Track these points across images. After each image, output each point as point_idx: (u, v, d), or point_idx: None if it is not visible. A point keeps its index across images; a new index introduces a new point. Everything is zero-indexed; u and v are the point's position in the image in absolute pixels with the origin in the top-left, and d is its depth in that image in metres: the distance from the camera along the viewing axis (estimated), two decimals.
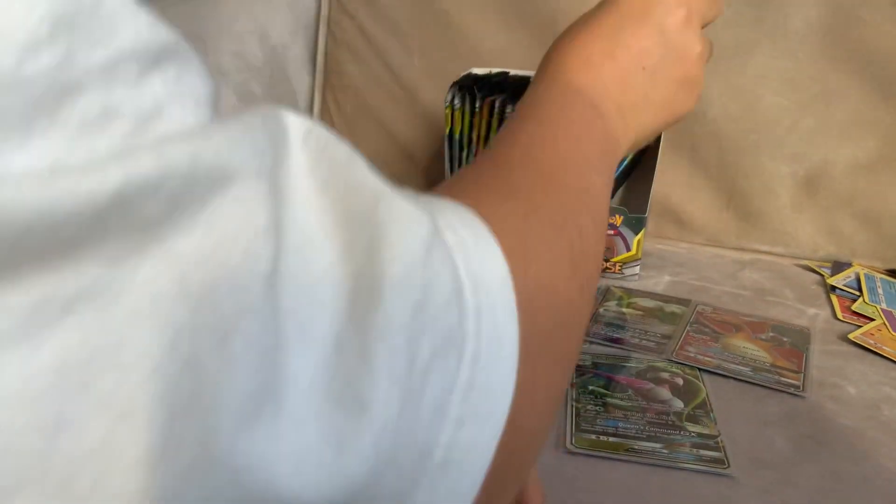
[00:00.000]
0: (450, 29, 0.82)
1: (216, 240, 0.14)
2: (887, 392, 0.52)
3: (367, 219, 0.18)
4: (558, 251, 0.28)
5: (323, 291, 0.16)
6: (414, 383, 0.18)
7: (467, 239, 0.22)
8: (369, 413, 0.16)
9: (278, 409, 0.15)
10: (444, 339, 0.19)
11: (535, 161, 0.33)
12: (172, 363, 0.13)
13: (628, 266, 0.69)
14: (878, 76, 0.71)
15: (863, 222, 0.74)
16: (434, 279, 0.19)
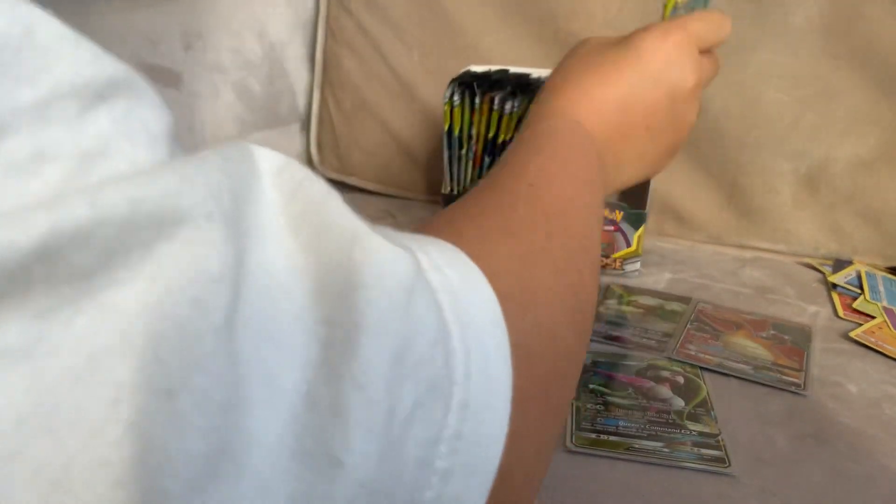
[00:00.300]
0: (449, 26, 0.82)
1: (162, 290, 0.13)
2: (888, 390, 0.52)
3: (342, 261, 0.17)
4: (559, 296, 0.27)
5: (292, 338, 0.15)
6: (394, 437, 0.16)
7: (453, 279, 0.20)
8: (343, 471, 0.15)
9: (239, 470, 0.13)
10: (429, 388, 0.18)
11: (540, 200, 0.32)
12: (114, 427, 0.12)
13: (629, 262, 0.69)
14: (880, 73, 0.71)
15: (864, 220, 0.74)
16: (416, 324, 0.18)
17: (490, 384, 0.20)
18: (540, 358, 0.24)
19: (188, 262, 0.13)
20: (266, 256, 0.15)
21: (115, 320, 0.12)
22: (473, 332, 0.20)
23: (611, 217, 0.68)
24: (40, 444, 0.11)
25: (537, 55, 0.79)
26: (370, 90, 0.86)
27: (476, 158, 0.68)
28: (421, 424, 0.17)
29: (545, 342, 0.25)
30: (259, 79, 0.84)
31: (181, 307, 0.13)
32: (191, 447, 0.13)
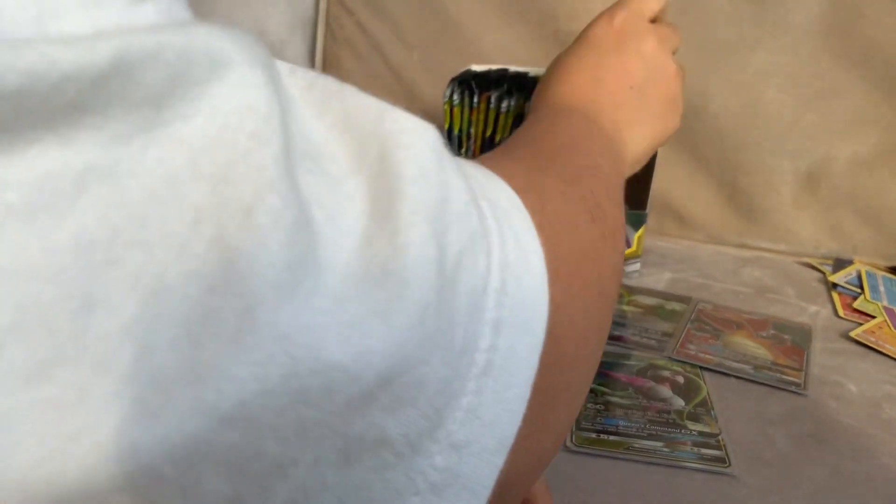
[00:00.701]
0: (449, 25, 0.82)
1: (221, 124, 0.13)
2: (889, 390, 0.52)
3: (374, 131, 0.18)
4: (571, 198, 0.28)
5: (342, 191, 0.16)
6: (447, 274, 0.17)
7: (472, 170, 0.22)
8: (410, 289, 0.16)
9: (318, 286, 0.14)
10: (470, 239, 0.18)
11: (538, 143, 0.34)
12: (198, 241, 0.13)
13: (629, 263, 0.69)
14: (880, 72, 0.70)
15: (864, 219, 0.74)
16: (450, 182, 0.19)
17: (524, 252, 0.20)
18: (566, 241, 0.25)
19: (240, 101, 0.14)
20: (301, 127, 0.16)
21: (185, 150, 0.13)
22: (499, 209, 0.21)
23: None
24: (136, 254, 0.12)
25: (537, 55, 0.79)
26: (370, 90, 0.85)
27: (475, 157, 0.68)
28: (468, 272, 0.18)
29: (567, 228, 0.26)
30: None
31: (241, 140, 0.13)
32: (273, 257, 0.13)
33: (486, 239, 0.19)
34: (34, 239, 0.11)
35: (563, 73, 0.44)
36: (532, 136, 0.37)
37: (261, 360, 0.13)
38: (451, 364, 0.17)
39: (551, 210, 0.25)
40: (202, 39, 0.13)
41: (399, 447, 0.16)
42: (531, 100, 0.47)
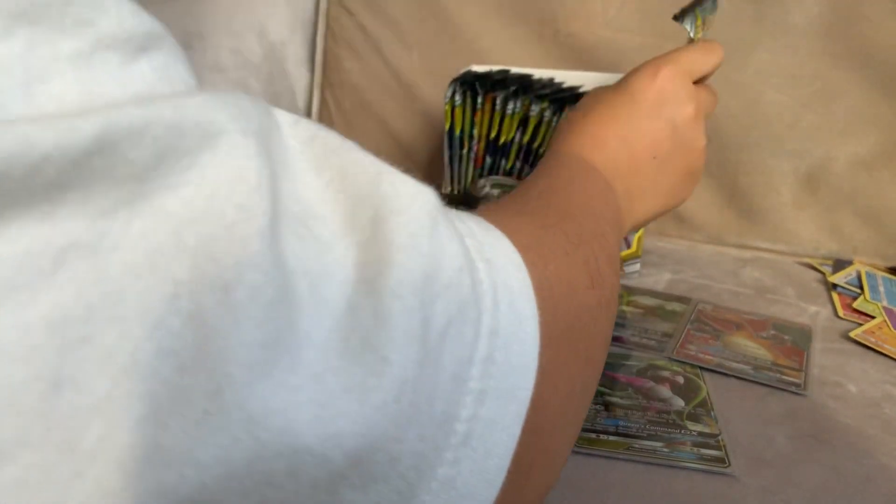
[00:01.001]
0: (449, 25, 0.82)
1: (208, 195, 0.13)
2: (888, 390, 0.52)
3: (369, 193, 0.17)
4: (574, 261, 0.28)
5: (330, 257, 0.16)
6: (431, 346, 0.17)
7: (473, 226, 0.22)
8: (389, 367, 0.16)
9: (294, 363, 0.14)
10: (459, 309, 0.18)
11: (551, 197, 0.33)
12: (175, 317, 0.13)
13: (629, 264, 0.69)
14: (880, 72, 0.71)
15: (864, 220, 0.74)
16: (443, 249, 0.18)
17: (517, 317, 0.20)
18: (563, 303, 0.25)
19: (230, 171, 0.14)
20: (295, 187, 0.16)
21: (169, 223, 0.13)
22: (497, 270, 0.21)
23: None
24: (109, 331, 0.12)
25: (537, 55, 0.79)
26: (370, 90, 0.86)
27: (478, 159, 0.68)
28: (454, 342, 0.18)
29: (566, 292, 0.25)
30: (259, 79, 0.84)
31: (228, 211, 0.13)
32: (249, 336, 0.13)
33: (478, 306, 0.19)
34: (9, 317, 0.11)
35: (593, 121, 0.42)
36: (547, 187, 0.35)
37: (226, 443, 0.13)
38: (427, 438, 0.17)
39: (553, 270, 0.25)
40: (193, 111, 0.13)
41: None
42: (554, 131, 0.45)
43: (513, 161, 0.66)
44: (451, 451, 0.18)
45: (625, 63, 0.76)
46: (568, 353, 0.24)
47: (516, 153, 0.66)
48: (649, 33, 0.76)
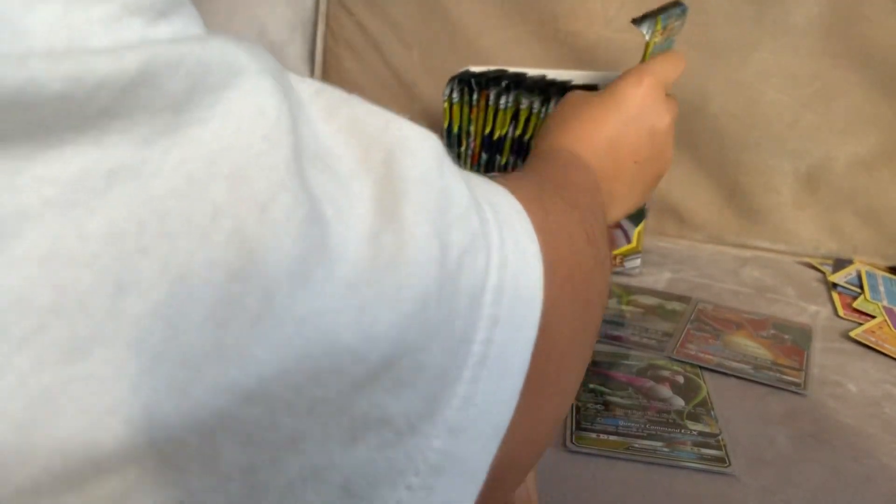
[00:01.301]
0: (449, 25, 0.82)
1: (234, 128, 0.14)
2: (888, 390, 0.52)
3: (379, 137, 0.19)
4: (572, 218, 0.30)
5: (349, 190, 0.17)
6: (449, 270, 0.18)
7: (474, 177, 0.23)
8: (415, 280, 0.17)
9: (329, 275, 0.15)
10: (471, 240, 0.20)
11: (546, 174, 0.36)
12: (218, 233, 0.14)
13: (629, 259, 0.69)
14: (880, 72, 0.70)
15: (864, 219, 0.74)
16: (451, 186, 0.20)
17: (522, 254, 0.22)
18: (564, 250, 0.27)
19: (252, 107, 0.15)
20: (311, 129, 0.17)
21: (203, 152, 0.14)
22: (500, 212, 0.22)
23: None
24: (161, 244, 0.13)
25: (537, 55, 0.79)
26: (370, 90, 0.86)
27: (474, 156, 0.68)
28: (468, 271, 0.19)
29: (566, 240, 0.27)
30: None
31: (254, 143, 0.15)
32: (287, 250, 0.15)
33: (486, 240, 0.20)
34: (70, 228, 0.12)
35: (582, 123, 0.45)
36: (542, 169, 0.38)
37: (279, 342, 0.14)
38: (449, 353, 0.18)
39: (553, 220, 0.27)
40: (218, 49, 0.15)
41: (399, 426, 0.17)
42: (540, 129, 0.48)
43: (507, 156, 0.67)
44: (470, 370, 0.19)
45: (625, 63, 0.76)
46: (571, 291, 0.26)
47: (510, 148, 0.67)
48: None
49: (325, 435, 0.16)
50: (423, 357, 0.18)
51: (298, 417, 0.15)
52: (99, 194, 0.13)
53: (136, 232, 0.13)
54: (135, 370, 0.13)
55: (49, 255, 0.12)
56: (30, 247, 0.12)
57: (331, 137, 0.18)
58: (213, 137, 0.14)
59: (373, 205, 0.17)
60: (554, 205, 0.29)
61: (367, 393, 0.16)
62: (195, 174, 0.14)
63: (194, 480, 0.14)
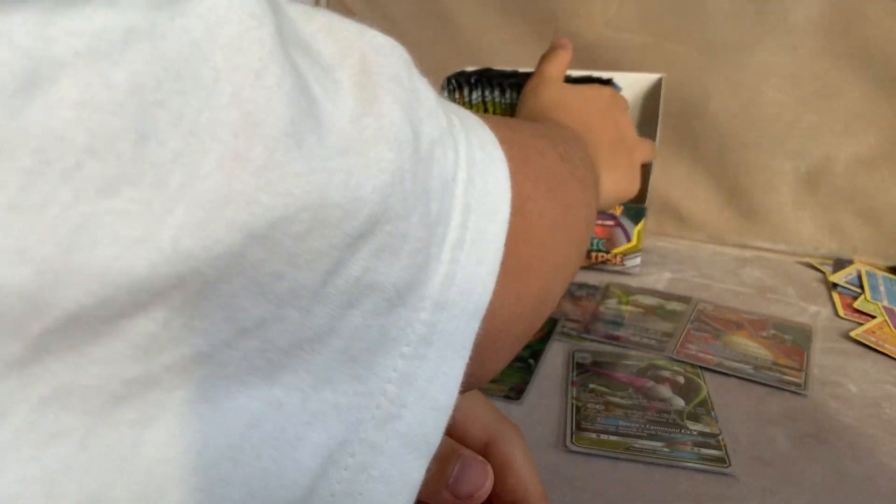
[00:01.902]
0: (449, 25, 0.82)
1: (227, 4, 0.16)
2: (889, 390, 0.52)
3: (354, 42, 0.20)
4: (543, 142, 0.33)
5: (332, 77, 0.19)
6: (422, 155, 0.20)
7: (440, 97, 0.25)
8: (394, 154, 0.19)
9: (321, 141, 0.17)
10: (440, 134, 0.21)
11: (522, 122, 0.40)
12: (221, 95, 0.15)
13: (629, 257, 0.69)
14: (880, 72, 0.70)
15: (864, 219, 0.74)
16: (420, 87, 0.21)
17: (489, 156, 0.24)
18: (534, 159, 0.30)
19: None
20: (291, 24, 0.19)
21: (203, 22, 0.15)
22: (466, 121, 0.24)
23: (610, 212, 0.69)
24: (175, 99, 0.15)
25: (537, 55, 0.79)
26: None
27: None
28: (439, 161, 0.21)
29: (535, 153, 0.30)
30: None
31: (244, 19, 0.16)
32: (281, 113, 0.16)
33: (454, 138, 0.22)
34: (98, 78, 0.13)
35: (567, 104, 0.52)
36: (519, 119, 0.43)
37: (282, 191, 0.16)
38: (428, 228, 0.20)
39: (520, 138, 0.30)
40: None
41: (389, 294, 0.19)
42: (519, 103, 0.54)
43: None
44: (448, 251, 0.21)
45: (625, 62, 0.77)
46: (546, 189, 0.29)
47: None
48: (649, 33, 0.76)
49: (325, 294, 0.18)
50: (405, 226, 0.19)
51: (300, 269, 0.17)
52: (119, 49, 0.14)
53: (154, 87, 0.14)
54: (158, 208, 0.14)
55: (82, 100, 0.13)
56: (66, 92, 0.13)
57: (310, 35, 0.19)
58: (209, 11, 0.15)
59: (353, 91, 0.19)
60: (523, 131, 0.33)
61: (359, 254, 0.18)
62: (197, 41, 0.15)
63: (215, 330, 0.16)
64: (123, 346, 0.14)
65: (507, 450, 0.33)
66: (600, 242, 0.69)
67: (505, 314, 0.25)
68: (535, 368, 0.52)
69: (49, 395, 0.14)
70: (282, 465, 0.18)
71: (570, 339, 0.57)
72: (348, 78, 0.19)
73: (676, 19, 0.75)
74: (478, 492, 0.30)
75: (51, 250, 0.13)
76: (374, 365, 0.19)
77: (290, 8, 0.19)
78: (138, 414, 0.15)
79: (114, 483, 0.15)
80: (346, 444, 0.19)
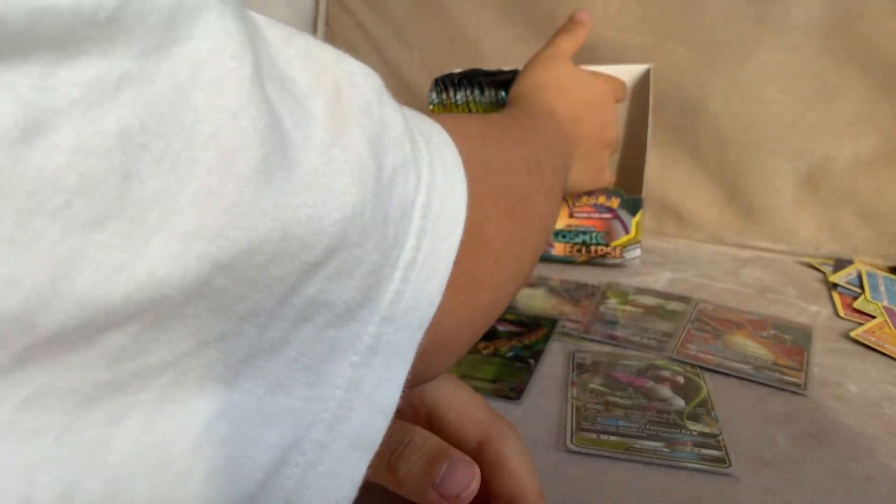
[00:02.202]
0: (449, 24, 0.82)
1: (210, 47, 0.17)
2: (889, 390, 0.52)
3: (329, 69, 0.22)
4: (513, 154, 0.35)
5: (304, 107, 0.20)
6: (384, 184, 0.22)
7: (411, 113, 0.27)
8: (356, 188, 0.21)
9: (289, 176, 0.18)
10: (403, 162, 0.23)
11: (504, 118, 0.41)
12: (200, 136, 0.16)
13: (629, 249, 0.69)
14: (880, 72, 0.70)
15: (865, 219, 0.74)
16: (389, 116, 0.23)
17: (450, 179, 0.26)
18: (500, 177, 0.32)
19: (221, 30, 0.17)
20: (269, 53, 0.20)
21: (187, 65, 0.16)
22: (432, 143, 0.26)
23: (608, 205, 0.69)
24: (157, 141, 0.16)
25: None
26: None
27: None
28: (400, 186, 0.23)
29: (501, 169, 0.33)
30: None
31: (225, 61, 0.17)
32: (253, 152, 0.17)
33: (417, 164, 0.24)
34: (91, 124, 0.15)
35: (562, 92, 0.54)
36: (510, 113, 0.45)
37: (248, 226, 0.17)
38: (382, 253, 0.22)
39: (490, 153, 0.32)
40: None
41: (340, 311, 0.21)
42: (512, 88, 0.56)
43: None
44: (401, 271, 0.23)
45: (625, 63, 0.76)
46: (506, 208, 0.31)
47: None
48: (649, 33, 0.76)
49: (281, 312, 0.19)
50: (360, 252, 0.21)
51: (259, 292, 0.18)
52: (110, 97, 0.15)
53: (139, 130, 0.15)
54: (137, 240, 0.16)
55: (76, 146, 0.14)
56: (62, 138, 0.14)
57: (286, 62, 0.20)
58: (193, 54, 0.17)
59: (324, 121, 0.20)
60: (495, 142, 0.35)
61: (315, 278, 0.20)
62: (182, 83, 0.16)
63: (179, 343, 0.17)
64: (97, 356, 0.16)
65: (503, 448, 0.33)
66: (599, 236, 0.69)
67: (455, 322, 0.28)
68: (535, 368, 0.52)
69: (30, 396, 0.15)
70: (238, 462, 0.19)
71: (570, 339, 0.57)
72: (321, 106, 0.21)
73: (676, 19, 0.75)
74: (464, 492, 0.31)
75: (41, 279, 0.14)
76: (325, 373, 0.21)
77: (270, 31, 0.21)
78: (108, 414, 0.16)
79: (86, 475, 0.16)
80: (297, 444, 0.21)
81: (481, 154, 0.30)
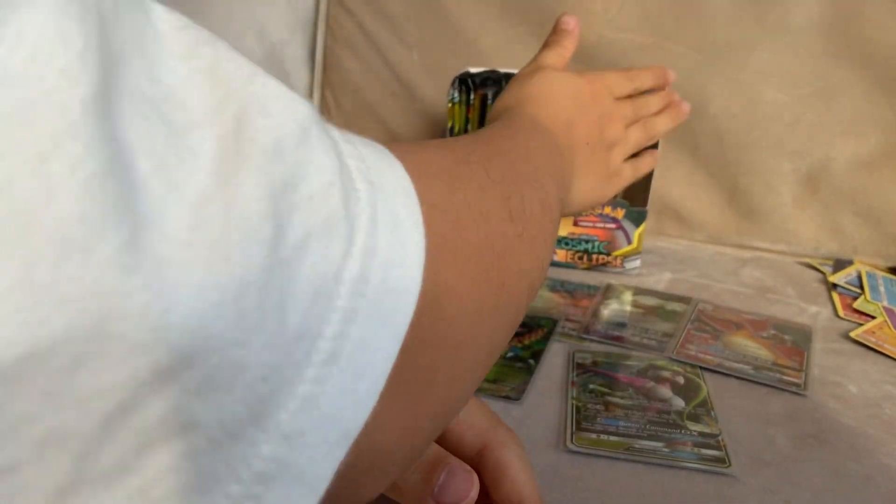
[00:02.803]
0: (449, 25, 0.82)
1: (27, 55, 0.12)
2: (889, 390, 0.52)
3: (237, 89, 0.17)
4: (491, 194, 0.29)
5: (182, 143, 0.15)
6: (284, 255, 0.16)
7: (364, 151, 0.21)
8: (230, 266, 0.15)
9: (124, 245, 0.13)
10: (324, 223, 0.18)
11: (484, 143, 0.36)
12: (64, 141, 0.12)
13: (629, 259, 0.70)
14: (880, 72, 0.70)
15: (865, 220, 0.74)
16: (310, 160, 0.18)
17: (400, 241, 0.20)
18: (472, 229, 0.26)
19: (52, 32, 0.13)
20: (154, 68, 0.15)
21: None
22: (381, 193, 0.20)
23: (613, 215, 0.69)
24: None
25: None
26: (370, 90, 0.86)
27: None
28: (316, 256, 0.17)
29: (476, 218, 0.26)
30: None
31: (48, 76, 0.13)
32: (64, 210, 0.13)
33: (350, 224, 0.18)
34: None
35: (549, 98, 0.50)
36: (488, 134, 0.39)
37: (35, 321, 0.12)
38: (279, 350, 0.16)
39: (461, 198, 0.26)
40: None
41: (213, 433, 0.15)
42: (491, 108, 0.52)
43: None
44: (314, 368, 0.17)
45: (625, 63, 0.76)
46: (477, 273, 0.25)
47: None
48: (649, 33, 0.76)
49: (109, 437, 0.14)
50: (240, 354, 0.15)
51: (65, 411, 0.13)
52: None
53: None
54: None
55: None
56: None
57: (181, 79, 0.16)
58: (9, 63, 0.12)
59: (210, 164, 0.15)
60: (469, 181, 0.28)
61: (164, 392, 0.14)
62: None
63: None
64: None
65: (503, 455, 0.33)
66: (601, 245, 0.70)
67: (395, 433, 0.22)
68: (535, 368, 0.52)
69: None
70: None
71: (570, 339, 0.57)
72: (211, 141, 0.16)
73: (676, 19, 0.75)
74: (463, 501, 0.30)
75: None
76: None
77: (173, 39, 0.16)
78: None
79: None
80: None
81: (450, 200, 0.24)
